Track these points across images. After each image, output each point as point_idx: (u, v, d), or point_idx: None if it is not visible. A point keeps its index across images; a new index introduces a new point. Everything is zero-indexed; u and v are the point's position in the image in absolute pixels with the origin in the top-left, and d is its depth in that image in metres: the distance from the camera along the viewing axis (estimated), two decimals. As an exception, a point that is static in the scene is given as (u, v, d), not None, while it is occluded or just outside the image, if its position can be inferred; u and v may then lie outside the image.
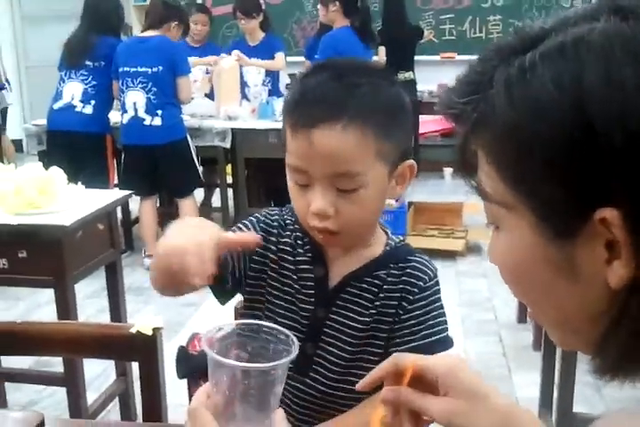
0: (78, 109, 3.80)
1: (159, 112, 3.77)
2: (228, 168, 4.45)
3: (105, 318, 2.66)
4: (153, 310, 3.33)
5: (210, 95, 4.56)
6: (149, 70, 3.75)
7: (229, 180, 4.51)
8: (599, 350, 0.51)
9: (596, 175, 0.45)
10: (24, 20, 7.88)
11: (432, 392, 0.66)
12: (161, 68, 3.74)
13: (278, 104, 4.30)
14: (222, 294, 1.07)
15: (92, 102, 3.82)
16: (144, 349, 1.32)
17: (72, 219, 2.01)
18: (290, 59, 5.11)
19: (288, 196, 1.00)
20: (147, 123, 3.78)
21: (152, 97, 3.76)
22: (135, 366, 1.38)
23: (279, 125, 3.61)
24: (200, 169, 4.07)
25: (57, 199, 2.08)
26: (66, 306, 2.05)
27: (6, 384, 2.24)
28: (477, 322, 3.24)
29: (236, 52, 4.33)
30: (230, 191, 4.54)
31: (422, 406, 0.66)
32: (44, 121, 4.06)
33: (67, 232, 1.99)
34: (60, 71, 3.92)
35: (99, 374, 2.56)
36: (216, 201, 4.72)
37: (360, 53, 3.80)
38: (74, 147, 3.76)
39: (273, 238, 1.05)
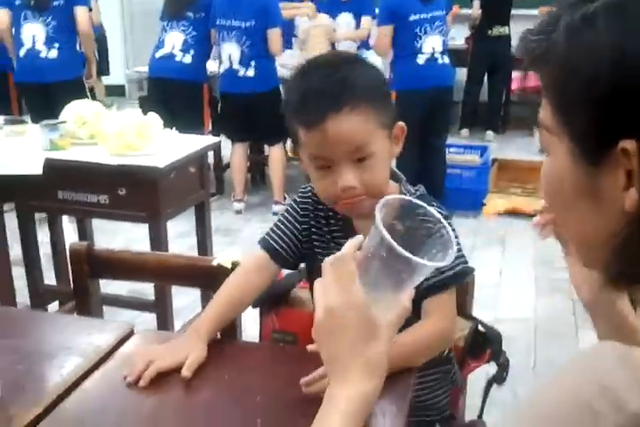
0: (178, 59, 3.97)
1: (252, 63, 3.92)
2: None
3: (193, 254, 2.88)
4: (238, 250, 3.53)
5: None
6: (243, 24, 3.89)
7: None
8: (607, 264, 0.59)
9: (623, 111, 0.53)
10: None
11: None
12: (254, 22, 3.88)
13: (367, 57, 4.36)
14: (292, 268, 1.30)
15: (192, 52, 3.98)
16: (224, 279, 1.49)
17: (166, 161, 2.19)
18: None
19: None
20: (240, 74, 3.95)
21: (246, 50, 3.92)
22: None
23: None
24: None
25: (153, 143, 2.26)
26: (158, 240, 2.26)
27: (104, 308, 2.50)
28: (550, 280, 3.28)
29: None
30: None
31: None
32: (145, 68, 4.28)
33: (161, 173, 2.17)
34: (162, 21, 4.09)
35: (186, 305, 2.79)
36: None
37: (419, 11, 3.76)
38: (173, 94, 3.96)
39: (312, 215, 1.23)
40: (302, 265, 1.33)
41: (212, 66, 4.28)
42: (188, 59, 3.99)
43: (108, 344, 1.05)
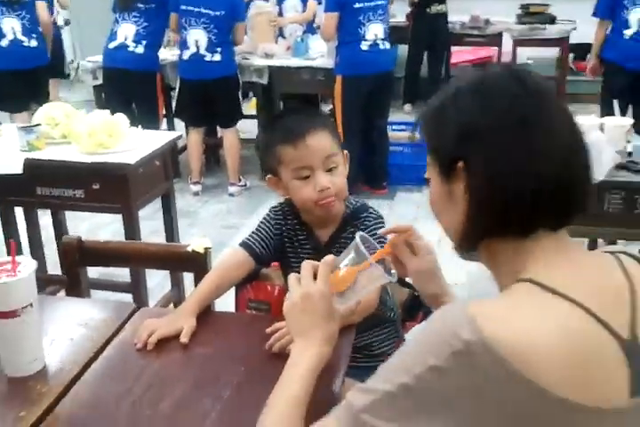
0: (131, 49, 4.14)
1: (218, 49, 4.12)
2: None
3: (158, 237, 3.14)
4: (198, 231, 3.81)
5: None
6: (212, 13, 4.07)
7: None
8: (457, 240, 0.92)
9: (459, 144, 0.85)
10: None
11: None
12: (223, 12, 4.07)
13: (312, 41, 4.62)
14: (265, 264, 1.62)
15: (144, 43, 4.14)
16: (197, 263, 1.76)
17: (135, 158, 2.45)
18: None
19: None
20: (207, 59, 4.14)
21: (213, 37, 4.11)
22: (186, 277, 1.80)
23: (312, 63, 4.00)
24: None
25: (122, 141, 2.51)
26: (132, 228, 2.53)
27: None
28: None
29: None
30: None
31: (405, 260, 1.16)
32: (98, 58, 4.46)
33: (131, 169, 2.43)
34: (113, 13, 4.25)
35: (157, 284, 3.05)
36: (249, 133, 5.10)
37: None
38: (127, 83, 4.14)
39: (283, 225, 1.57)
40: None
41: (164, 53, 4.48)
42: (140, 49, 4.16)
43: (119, 320, 1.33)
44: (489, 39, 6.51)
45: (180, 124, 4.80)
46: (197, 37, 4.13)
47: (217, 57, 4.14)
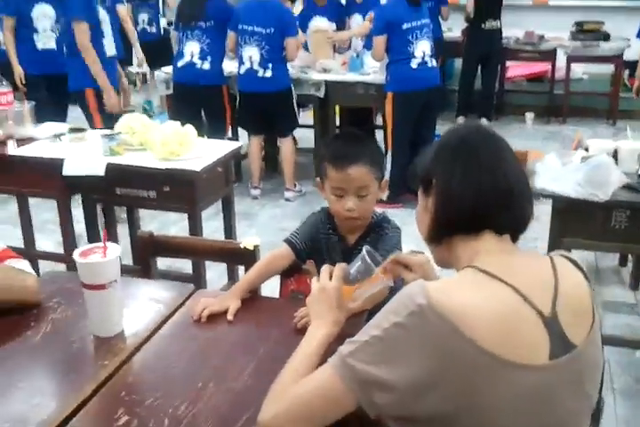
0: (198, 66, 4.52)
1: (270, 66, 4.49)
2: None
3: (218, 236, 3.51)
4: (256, 232, 4.18)
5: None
6: (264, 31, 4.45)
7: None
8: (426, 237, 1.25)
9: (431, 166, 1.20)
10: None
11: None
12: (273, 29, 4.43)
13: (367, 57, 4.94)
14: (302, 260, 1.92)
15: (209, 58, 4.52)
16: (248, 258, 2.10)
17: (201, 165, 2.82)
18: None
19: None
20: (259, 75, 4.53)
21: (264, 53, 4.48)
22: (240, 270, 2.12)
23: (367, 78, 4.40)
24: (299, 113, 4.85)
25: (191, 150, 2.89)
26: (195, 226, 2.91)
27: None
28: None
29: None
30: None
31: (403, 274, 1.45)
32: (170, 69, 4.88)
33: (197, 175, 2.81)
34: (177, 32, 4.65)
35: (215, 276, 3.42)
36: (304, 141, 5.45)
37: (410, 20, 4.31)
38: (197, 97, 4.54)
39: (320, 229, 1.90)
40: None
41: (229, 66, 4.88)
42: (206, 65, 4.53)
43: (181, 297, 1.70)
44: (543, 55, 6.71)
45: (243, 131, 5.20)
46: (251, 54, 4.52)
47: (268, 73, 4.51)
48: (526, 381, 1.05)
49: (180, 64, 4.59)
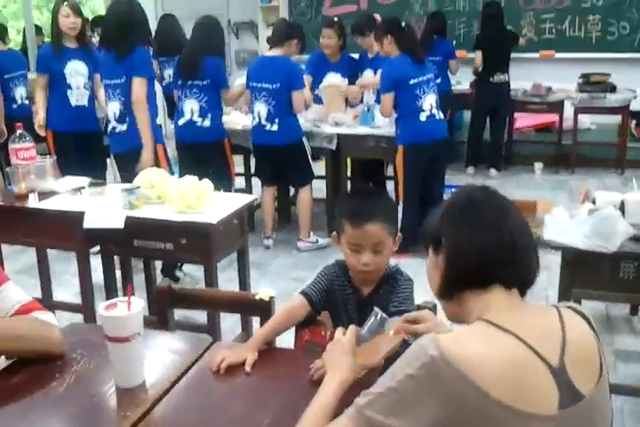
0: (199, 124, 4.58)
1: (276, 120, 4.63)
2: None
3: (233, 285, 3.56)
4: (268, 282, 4.23)
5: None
6: (270, 86, 4.60)
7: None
8: (437, 293, 1.31)
9: (441, 227, 1.28)
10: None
11: None
12: (279, 84, 4.57)
13: (378, 111, 5.07)
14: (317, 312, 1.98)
15: (209, 115, 4.57)
16: (263, 309, 2.14)
17: (217, 218, 2.90)
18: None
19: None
20: (267, 128, 4.67)
21: (272, 108, 4.62)
22: (254, 321, 2.17)
23: (377, 131, 4.51)
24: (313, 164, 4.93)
25: (207, 203, 2.98)
26: (210, 277, 2.97)
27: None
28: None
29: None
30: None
31: (415, 330, 1.51)
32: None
33: (214, 227, 2.88)
34: (175, 89, 4.71)
35: (229, 327, 3.46)
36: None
37: (416, 75, 4.45)
38: (200, 153, 4.55)
39: (335, 281, 1.96)
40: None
41: (246, 120, 5.04)
42: (207, 122, 4.57)
43: (199, 350, 1.74)
44: (551, 106, 6.85)
45: (255, 182, 5.32)
46: (259, 109, 4.67)
47: (275, 127, 4.64)
48: None
49: (180, 122, 4.65)
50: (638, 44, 7.19)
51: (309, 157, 4.83)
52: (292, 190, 5.43)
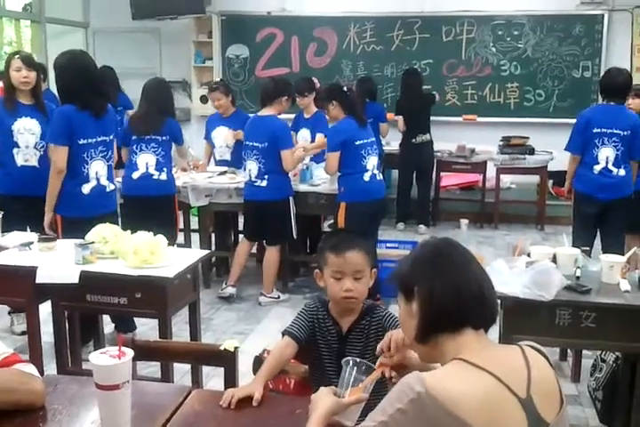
0: (155, 177, 4.67)
1: (266, 177, 4.79)
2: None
3: (184, 335, 3.56)
4: (212, 335, 4.27)
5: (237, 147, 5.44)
6: (260, 145, 4.78)
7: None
8: (413, 340, 1.43)
9: (413, 279, 1.40)
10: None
11: None
12: (267, 143, 4.75)
13: (316, 169, 5.28)
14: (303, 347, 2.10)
15: (165, 170, 4.70)
16: (228, 359, 2.21)
17: (173, 272, 2.97)
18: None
19: (317, 242, 2.23)
20: (257, 184, 4.82)
21: (262, 166, 4.79)
22: (218, 372, 2.22)
23: (316, 188, 4.72)
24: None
25: (162, 258, 3.04)
26: (165, 330, 3.01)
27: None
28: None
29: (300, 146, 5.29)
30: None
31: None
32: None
33: (169, 281, 2.95)
34: (128, 145, 4.72)
35: (179, 380, 3.47)
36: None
37: (361, 137, 4.71)
38: (150, 207, 4.57)
39: (315, 316, 2.11)
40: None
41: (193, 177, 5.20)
42: (163, 176, 4.69)
43: (181, 396, 1.81)
44: (474, 167, 7.25)
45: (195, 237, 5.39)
46: (251, 167, 4.86)
47: (264, 183, 4.80)
48: None
49: (135, 175, 4.69)
50: (553, 110, 7.76)
51: (292, 217, 4.93)
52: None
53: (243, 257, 5.07)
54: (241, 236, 5.57)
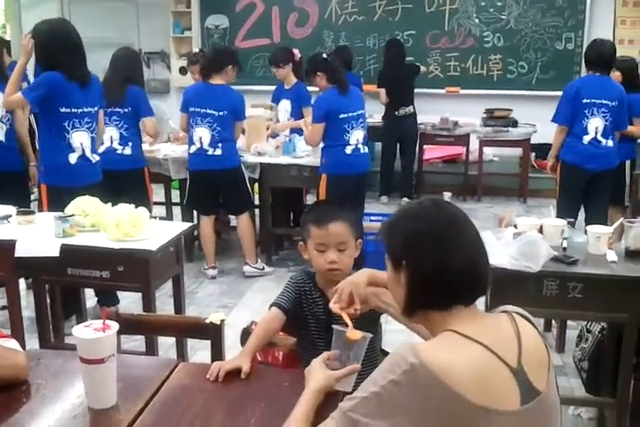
0: (119, 152, 4.56)
1: (219, 145, 4.68)
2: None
3: (168, 309, 3.52)
4: (195, 309, 4.24)
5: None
6: (216, 113, 4.65)
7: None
8: (403, 309, 1.40)
9: (402, 250, 1.37)
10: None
11: None
12: (225, 112, 4.65)
13: (299, 141, 5.21)
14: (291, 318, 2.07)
15: (130, 144, 4.58)
16: (214, 332, 2.17)
17: (156, 245, 2.92)
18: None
19: (301, 215, 2.18)
20: (209, 153, 4.69)
21: (216, 134, 4.67)
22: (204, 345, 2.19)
23: (299, 161, 4.67)
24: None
25: (144, 230, 2.99)
26: (149, 304, 2.96)
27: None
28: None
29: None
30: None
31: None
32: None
33: (152, 254, 2.89)
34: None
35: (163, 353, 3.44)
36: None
37: (347, 110, 4.64)
38: (119, 182, 4.38)
39: (302, 288, 2.09)
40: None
41: (167, 148, 5.06)
42: (127, 150, 4.57)
43: (168, 369, 1.77)
44: (457, 139, 7.21)
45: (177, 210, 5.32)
46: (202, 135, 4.70)
47: (218, 151, 4.69)
48: (505, 425, 1.21)
49: (100, 150, 4.42)
50: (535, 82, 7.72)
51: (247, 183, 4.87)
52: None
53: (210, 237, 4.94)
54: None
